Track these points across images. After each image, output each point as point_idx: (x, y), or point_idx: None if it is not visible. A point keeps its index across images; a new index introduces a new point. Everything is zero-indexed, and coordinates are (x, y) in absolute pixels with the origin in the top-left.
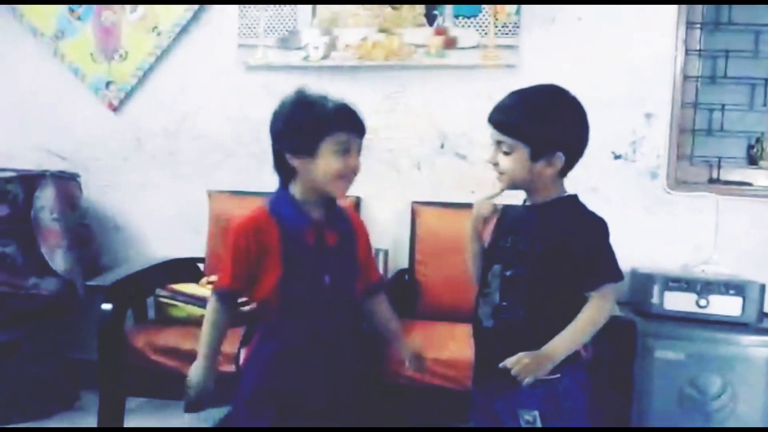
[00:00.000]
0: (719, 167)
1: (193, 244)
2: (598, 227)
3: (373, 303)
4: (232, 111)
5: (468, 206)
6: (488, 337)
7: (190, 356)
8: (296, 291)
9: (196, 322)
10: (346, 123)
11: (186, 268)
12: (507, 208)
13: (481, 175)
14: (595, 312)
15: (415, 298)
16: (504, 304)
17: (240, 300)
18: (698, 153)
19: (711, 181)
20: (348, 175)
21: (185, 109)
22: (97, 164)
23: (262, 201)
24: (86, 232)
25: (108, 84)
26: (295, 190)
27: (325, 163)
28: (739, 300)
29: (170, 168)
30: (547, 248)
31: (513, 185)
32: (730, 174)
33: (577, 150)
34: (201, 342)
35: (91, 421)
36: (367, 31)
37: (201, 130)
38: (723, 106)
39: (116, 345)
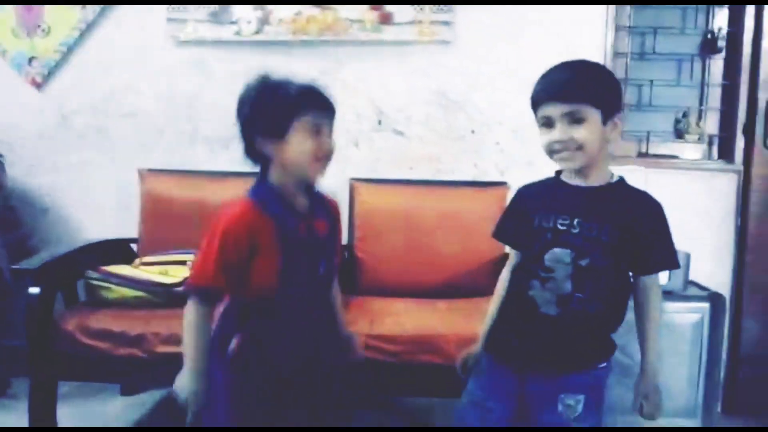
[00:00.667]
0: (648, 141)
1: (125, 225)
2: (660, 209)
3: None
4: (163, 87)
5: (406, 182)
6: (548, 324)
7: (122, 338)
8: (295, 284)
9: (129, 304)
10: (315, 103)
11: (118, 249)
12: (537, 187)
13: (419, 152)
14: (658, 312)
15: (355, 274)
16: (579, 295)
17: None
18: (628, 128)
19: (640, 154)
20: (322, 156)
21: (113, 85)
22: (22, 143)
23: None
24: (12, 214)
25: (31, 60)
26: (274, 178)
27: (297, 143)
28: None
29: (99, 146)
30: (622, 235)
31: (588, 159)
32: (658, 148)
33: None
34: (188, 351)
35: (23, 408)
36: (301, 5)
37: (130, 108)
38: (651, 81)
39: (45, 329)
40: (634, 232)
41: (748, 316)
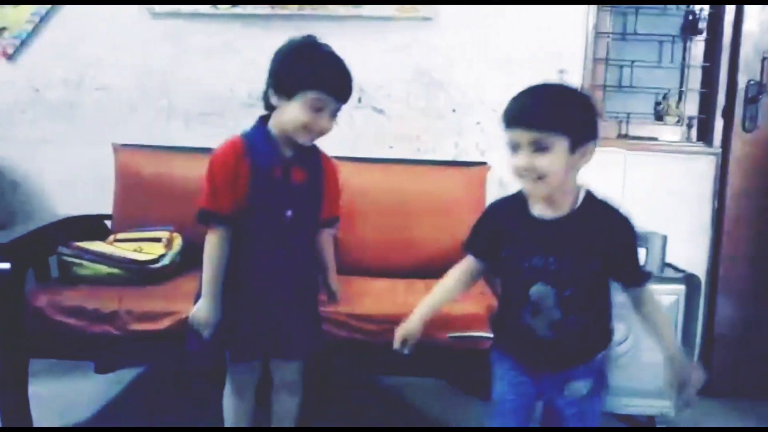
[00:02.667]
0: (628, 122)
1: (99, 201)
2: (631, 225)
3: (323, 233)
4: (138, 61)
5: (386, 161)
6: (547, 345)
7: (95, 315)
8: (258, 222)
9: (103, 281)
10: (327, 84)
11: (91, 226)
12: (505, 214)
13: (399, 130)
14: (662, 313)
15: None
16: (570, 319)
17: None
18: (608, 109)
19: (620, 136)
20: (314, 131)
21: (87, 58)
22: None
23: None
24: None
25: (1, 31)
26: (272, 124)
27: (296, 111)
28: (643, 251)
29: (72, 121)
30: (600, 263)
31: (551, 188)
32: (638, 129)
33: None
34: (207, 280)
35: None
36: None
37: (104, 81)
38: (632, 62)
39: (16, 306)
40: (610, 254)
41: (723, 298)
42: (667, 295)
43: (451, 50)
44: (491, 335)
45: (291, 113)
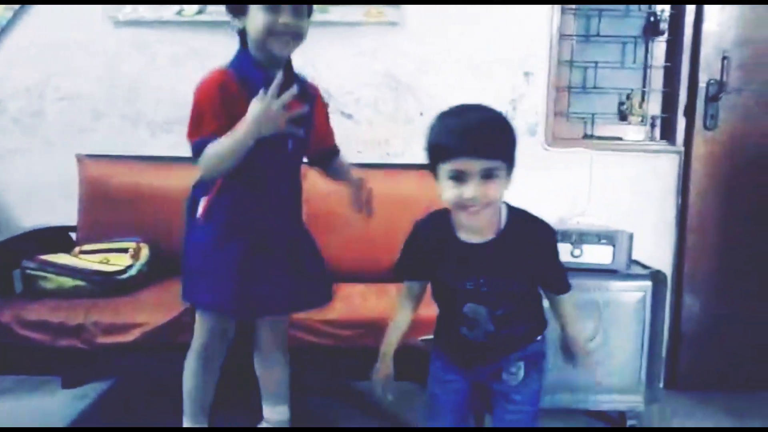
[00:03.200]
0: (593, 123)
1: (63, 212)
2: (553, 235)
3: (337, 162)
4: (101, 70)
5: (355, 166)
6: (482, 346)
7: (61, 329)
8: (260, 154)
9: (68, 294)
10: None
11: (56, 238)
12: (432, 236)
13: (368, 135)
14: (574, 317)
15: None
16: (504, 332)
17: None
18: (574, 109)
19: (585, 136)
20: (281, 33)
21: (49, 68)
22: None
23: (142, 164)
24: None
25: None
26: (252, 50)
27: (253, 18)
28: (609, 249)
29: (35, 131)
30: (528, 279)
31: (491, 213)
32: (602, 129)
33: None
34: (236, 133)
35: None
36: None
37: (68, 91)
38: (596, 63)
39: None
40: (536, 267)
41: (688, 294)
42: (633, 292)
43: (419, 55)
44: None
45: (252, 24)
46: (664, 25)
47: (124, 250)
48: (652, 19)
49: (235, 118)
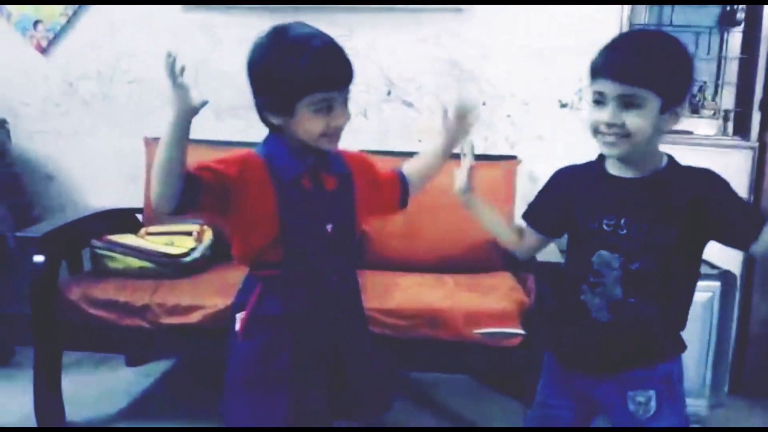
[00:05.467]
0: None
1: (131, 194)
2: (716, 177)
3: (411, 174)
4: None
5: (414, 155)
6: (601, 330)
7: (127, 308)
8: (298, 241)
9: (134, 274)
10: (324, 80)
11: (123, 219)
12: (577, 174)
13: (429, 123)
14: None
15: (360, 248)
16: (631, 300)
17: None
18: None
19: None
20: (332, 133)
21: (119, 51)
22: (26, 109)
23: (207, 148)
24: (15, 180)
25: (36, 24)
26: (286, 137)
27: (305, 123)
28: None
29: (105, 113)
30: (680, 233)
31: (634, 148)
32: None
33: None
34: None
35: (27, 377)
36: None
37: (137, 74)
38: None
39: (50, 298)
40: (701, 220)
41: (758, 295)
42: (702, 292)
43: (483, 42)
44: (521, 332)
45: (302, 128)
46: (740, 15)
47: (189, 233)
48: (728, 8)
49: (254, 197)
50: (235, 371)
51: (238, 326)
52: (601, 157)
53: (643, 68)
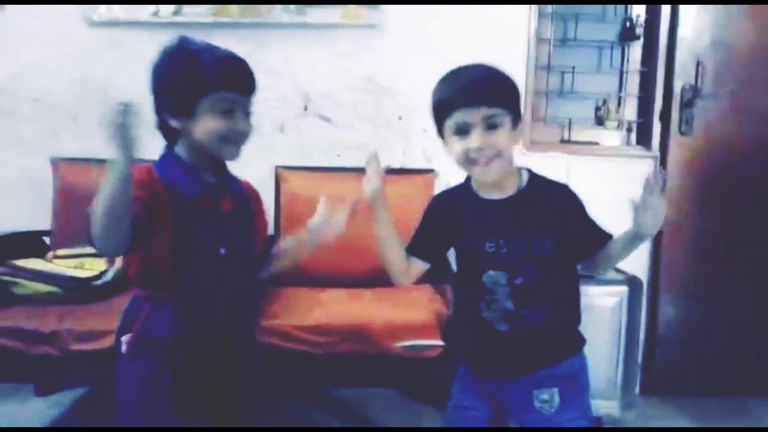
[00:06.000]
0: (570, 128)
1: (37, 216)
2: (575, 195)
3: (275, 249)
4: (76, 70)
5: (333, 170)
6: (504, 339)
7: (35, 336)
8: (190, 263)
9: (42, 300)
10: (228, 81)
11: (29, 242)
12: (452, 200)
13: (347, 138)
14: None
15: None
16: (523, 312)
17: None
18: (551, 114)
19: (563, 141)
20: (234, 138)
21: (22, 67)
22: None
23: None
24: None
25: None
26: (182, 152)
27: (205, 124)
28: None
29: (7, 132)
30: (553, 243)
31: (506, 166)
32: (579, 134)
33: None
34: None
35: None
36: None
37: (41, 91)
38: (573, 68)
39: None
40: (562, 233)
41: (664, 298)
42: (610, 297)
43: (398, 57)
44: (441, 343)
45: (202, 129)
46: (639, 30)
47: (100, 255)
48: (627, 24)
49: (153, 211)
50: (123, 393)
51: (123, 348)
52: (469, 179)
53: (495, 89)
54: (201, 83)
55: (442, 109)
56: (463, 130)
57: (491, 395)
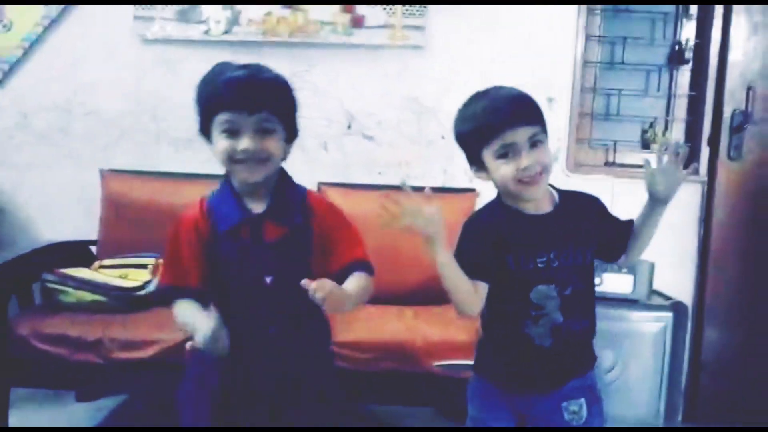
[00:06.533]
0: (615, 151)
1: (85, 227)
2: (598, 199)
3: (357, 280)
4: (128, 86)
5: (375, 187)
6: (543, 355)
7: (78, 343)
8: (228, 293)
9: (87, 308)
10: (230, 101)
11: (76, 252)
12: (495, 220)
13: (389, 157)
14: None
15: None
16: (570, 321)
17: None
18: (596, 136)
19: (607, 164)
20: (241, 157)
21: (77, 83)
22: None
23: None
24: None
25: None
26: (233, 180)
27: (216, 146)
28: (630, 278)
29: (61, 146)
30: (591, 251)
31: (546, 184)
32: (625, 157)
33: None
34: (186, 315)
35: None
36: (271, 6)
37: (94, 106)
38: (620, 91)
39: None
40: (598, 237)
41: (709, 325)
42: (654, 322)
43: (442, 77)
44: None
45: (215, 150)
46: (689, 54)
47: (144, 266)
48: (677, 47)
49: (202, 244)
50: (181, 387)
51: (187, 351)
52: (500, 198)
53: (532, 107)
54: (209, 105)
55: (483, 135)
56: (509, 153)
57: (517, 410)
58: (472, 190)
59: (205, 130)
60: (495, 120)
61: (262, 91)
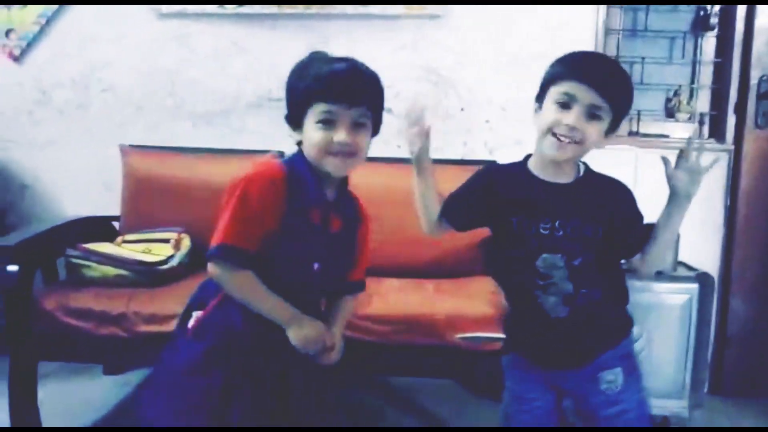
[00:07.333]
0: (639, 120)
1: (106, 202)
2: (630, 194)
3: (345, 300)
4: (145, 61)
5: (394, 160)
6: (563, 326)
7: (103, 317)
8: (282, 270)
9: (111, 283)
10: (327, 92)
11: (99, 227)
12: (509, 176)
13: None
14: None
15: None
16: (583, 291)
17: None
18: None
19: (631, 133)
20: (335, 150)
21: (94, 59)
22: None
23: (184, 156)
24: None
25: (8, 32)
26: (309, 159)
27: (308, 136)
28: None
29: (79, 122)
30: (604, 229)
31: (578, 156)
32: (649, 127)
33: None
34: (272, 312)
35: (2, 388)
36: None
37: (111, 82)
38: (643, 59)
39: (24, 308)
40: (612, 224)
41: (735, 297)
42: (680, 294)
43: (460, 48)
44: (501, 335)
45: (307, 141)
46: (714, 20)
47: (166, 241)
48: (701, 13)
49: (271, 213)
50: (174, 367)
51: (191, 323)
52: (526, 161)
53: (614, 84)
54: (304, 96)
55: (559, 74)
56: (565, 103)
57: (555, 385)
58: (493, 163)
59: (296, 119)
60: (569, 67)
61: (363, 85)
